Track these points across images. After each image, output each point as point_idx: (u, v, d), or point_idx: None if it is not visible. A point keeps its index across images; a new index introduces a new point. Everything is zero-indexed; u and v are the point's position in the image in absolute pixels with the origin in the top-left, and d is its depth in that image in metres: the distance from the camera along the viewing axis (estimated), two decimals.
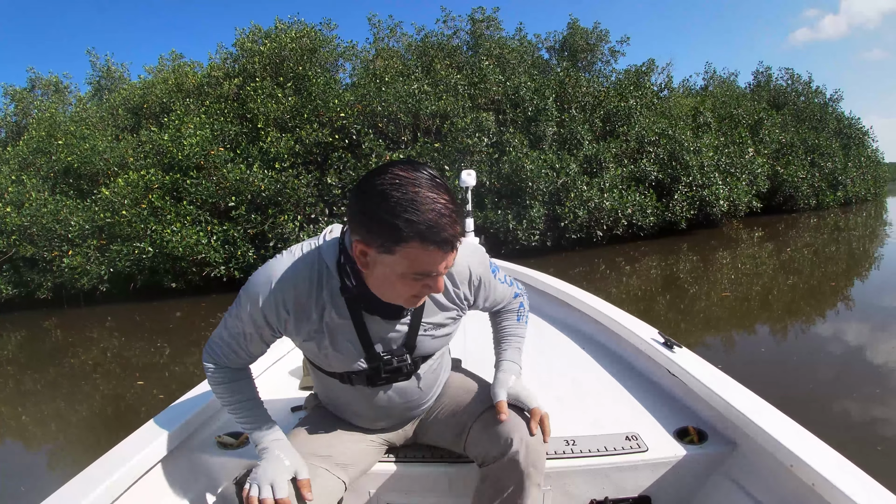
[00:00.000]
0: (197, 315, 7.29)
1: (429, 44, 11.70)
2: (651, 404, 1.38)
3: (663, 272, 7.86)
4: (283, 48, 10.28)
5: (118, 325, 7.16)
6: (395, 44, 13.06)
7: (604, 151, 9.41)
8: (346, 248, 0.87)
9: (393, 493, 1.15)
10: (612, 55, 14.72)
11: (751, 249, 9.54)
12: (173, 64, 13.69)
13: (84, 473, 1.00)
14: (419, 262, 0.76)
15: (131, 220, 8.14)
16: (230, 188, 8.10)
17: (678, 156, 10.27)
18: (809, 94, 17.87)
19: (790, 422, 1.07)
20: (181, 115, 9.85)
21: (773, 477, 1.04)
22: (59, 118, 10.63)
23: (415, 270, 0.78)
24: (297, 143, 8.29)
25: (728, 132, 12.82)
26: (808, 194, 14.42)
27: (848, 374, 3.42)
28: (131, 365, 4.95)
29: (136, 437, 1.14)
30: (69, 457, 3.20)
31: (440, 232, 0.74)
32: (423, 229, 0.73)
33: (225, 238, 8.06)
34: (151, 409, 3.61)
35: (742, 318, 5.15)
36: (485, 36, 12.28)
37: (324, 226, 7.72)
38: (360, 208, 0.77)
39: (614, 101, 10.55)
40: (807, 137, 15.26)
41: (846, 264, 7.91)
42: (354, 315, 0.91)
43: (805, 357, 3.83)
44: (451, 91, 8.84)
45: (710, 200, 10.36)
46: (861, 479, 0.88)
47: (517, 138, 8.39)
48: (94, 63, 14.06)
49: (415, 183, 0.75)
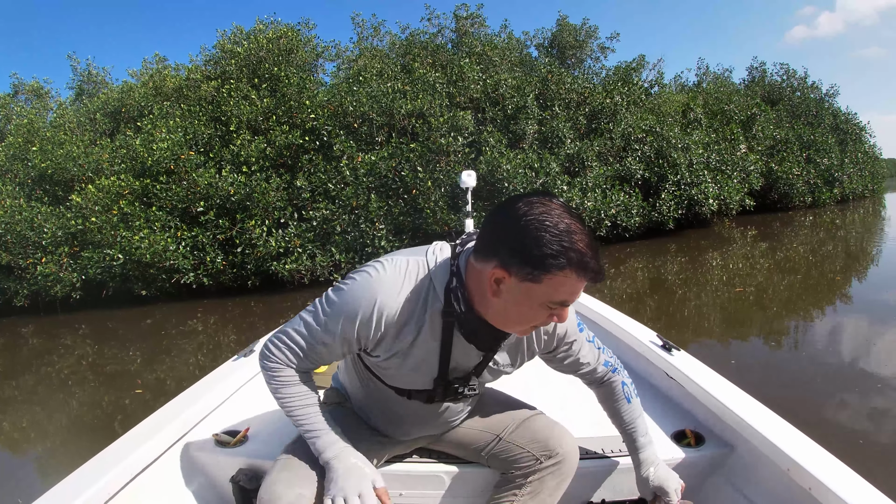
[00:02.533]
0: (168, 322, 7.15)
1: (413, 42, 11.47)
2: (649, 407, 1.35)
3: (650, 274, 7.63)
4: (260, 49, 10.12)
5: (91, 333, 7.09)
6: (379, 43, 12.85)
7: (586, 150, 9.12)
8: (459, 271, 0.86)
9: (391, 493, 1.11)
10: (601, 52, 14.45)
11: (743, 249, 9.25)
12: (157, 67, 13.61)
13: (80, 470, 1.00)
14: (563, 290, 0.78)
15: (101, 227, 8.03)
16: (200, 193, 7.91)
17: (666, 153, 9.96)
18: (805, 90, 17.53)
19: (788, 425, 1.08)
20: (154, 118, 9.72)
21: (771, 480, 1.04)
22: (38, 124, 10.50)
23: (555, 299, 0.78)
24: (269, 146, 8.06)
25: (719, 128, 12.50)
26: (804, 191, 14.06)
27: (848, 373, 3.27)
28: (105, 373, 4.89)
29: (132, 435, 1.14)
30: (45, 465, 3.10)
31: (590, 262, 0.75)
32: (577, 259, 0.74)
33: (194, 244, 7.88)
34: (125, 417, 3.55)
35: (734, 320, 4.95)
36: (469, 34, 12.03)
37: (293, 230, 7.48)
38: (506, 237, 0.77)
39: (599, 98, 10.25)
40: (802, 133, 14.91)
41: (844, 262, 7.68)
42: (445, 337, 0.91)
43: (804, 362, 3.62)
44: (429, 90, 8.59)
45: (699, 199, 10.04)
46: (857, 484, 0.88)
47: (494, 137, 8.12)
48: (74, 67, 13.87)
49: (560, 214, 0.75)
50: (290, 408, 0.94)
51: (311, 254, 7.45)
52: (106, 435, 3.19)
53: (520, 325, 0.85)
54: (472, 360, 0.96)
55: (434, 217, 7.50)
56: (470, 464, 1.12)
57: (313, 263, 7.39)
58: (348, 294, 0.86)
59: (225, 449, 1.21)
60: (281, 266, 7.28)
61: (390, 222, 7.60)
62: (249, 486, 1.12)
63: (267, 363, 0.93)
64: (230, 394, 1.50)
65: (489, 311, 0.84)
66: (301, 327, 0.91)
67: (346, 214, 7.50)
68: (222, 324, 6.87)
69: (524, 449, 1.05)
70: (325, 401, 1.14)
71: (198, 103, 9.83)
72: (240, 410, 1.43)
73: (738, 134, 12.50)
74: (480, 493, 1.14)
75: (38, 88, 14.01)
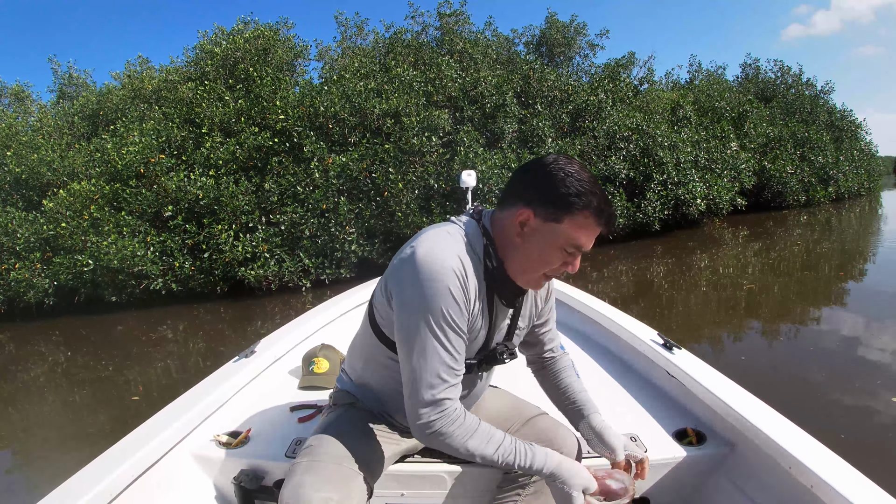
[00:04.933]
0: (139, 329, 7.05)
1: (395, 41, 11.24)
2: (650, 405, 1.38)
3: (636, 277, 7.41)
4: (237, 49, 9.93)
5: (65, 340, 7.08)
6: (363, 42, 12.65)
7: (568, 149, 8.85)
8: (487, 230, 0.92)
9: (392, 493, 1.15)
10: (590, 49, 14.20)
11: (734, 250, 9.00)
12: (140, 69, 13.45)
13: (82, 472, 1.00)
14: (581, 233, 0.86)
15: (72, 232, 7.94)
16: (170, 197, 7.72)
17: (652, 152, 9.68)
18: (800, 87, 17.21)
19: (789, 423, 1.08)
20: (128, 121, 9.57)
21: (772, 479, 1.04)
22: (17, 128, 10.39)
23: (573, 243, 0.86)
24: (239, 148, 7.85)
25: (709, 126, 12.21)
26: (798, 190, 13.75)
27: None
28: (78, 380, 4.88)
29: (135, 436, 1.14)
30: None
31: (606, 209, 0.86)
32: (596, 204, 0.84)
33: (163, 249, 7.69)
34: (99, 426, 3.54)
35: (723, 324, 4.77)
36: (453, 31, 11.80)
37: (261, 234, 7.26)
38: (533, 181, 0.87)
39: (584, 96, 9.99)
40: (796, 131, 14.60)
41: (840, 260, 7.50)
42: (490, 300, 0.93)
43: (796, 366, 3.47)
44: (406, 88, 8.35)
45: (686, 199, 9.76)
46: (859, 482, 0.89)
47: (470, 136, 7.87)
48: (55, 70, 13.69)
49: (582, 167, 0.87)
50: (496, 448, 0.88)
51: (279, 259, 7.23)
52: (82, 443, 3.20)
53: (538, 271, 0.89)
54: (504, 322, 1.00)
55: (406, 220, 7.25)
56: (471, 464, 1.10)
57: (281, 269, 7.16)
58: (428, 275, 0.82)
59: (226, 450, 1.22)
60: (248, 272, 7.07)
61: (361, 225, 7.36)
62: (251, 486, 1.13)
63: (442, 420, 0.85)
64: (231, 395, 1.49)
65: (513, 260, 0.89)
66: (431, 354, 0.84)
67: (316, 218, 7.26)
68: (192, 330, 6.76)
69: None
70: (336, 402, 1.13)
71: (174, 105, 9.66)
72: (241, 411, 1.45)
73: (728, 132, 12.21)
74: (483, 493, 1.14)
75: (18, 91, 13.83)
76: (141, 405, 3.83)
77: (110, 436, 1.27)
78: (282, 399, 1.51)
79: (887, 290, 5.57)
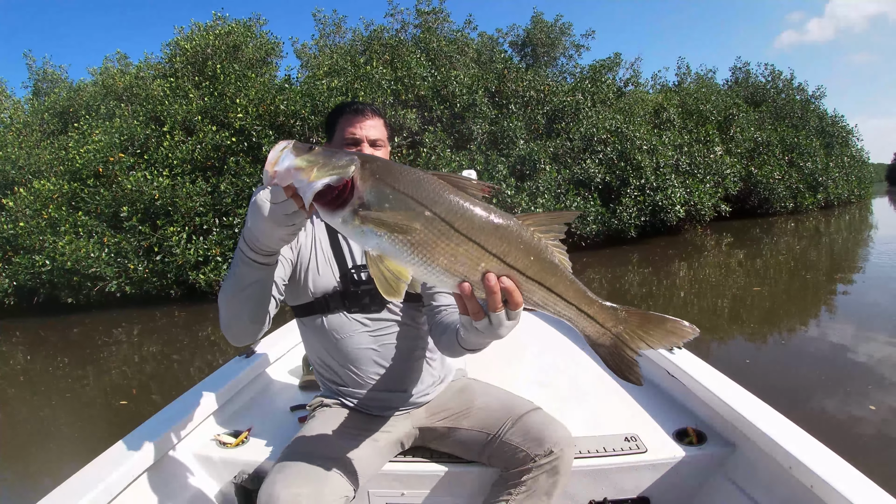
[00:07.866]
0: (95, 331, 6.88)
1: (373, 39, 11.01)
2: (650, 405, 1.37)
3: (610, 285, 7.12)
4: (207, 46, 9.71)
5: (24, 340, 7.02)
6: (341, 40, 12.42)
7: (539, 152, 8.59)
8: None
9: (393, 493, 1.16)
10: (575, 50, 13.96)
11: (716, 258, 8.71)
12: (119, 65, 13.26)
13: (83, 472, 1.02)
14: (345, 128, 1.12)
15: (31, 232, 7.80)
16: (127, 197, 7.49)
17: (630, 156, 9.41)
18: (790, 91, 16.95)
19: (789, 423, 1.09)
20: (93, 119, 9.37)
21: (772, 478, 1.05)
22: None
23: (345, 137, 1.11)
24: (198, 147, 7.61)
25: (693, 129, 11.95)
26: (785, 196, 13.48)
27: None
28: (35, 381, 4.89)
29: (135, 436, 1.15)
30: None
31: (352, 104, 1.16)
32: (343, 106, 1.17)
33: (118, 251, 7.46)
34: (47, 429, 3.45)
35: (704, 333, 4.54)
36: (432, 30, 11.56)
37: (215, 237, 7.02)
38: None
39: (561, 97, 9.73)
40: (785, 135, 14.33)
41: (826, 272, 7.22)
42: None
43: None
44: (375, 87, 8.11)
45: (664, 205, 9.49)
46: (859, 481, 0.89)
47: (434, 137, 7.63)
48: (30, 66, 13.47)
49: None
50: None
51: None
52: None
53: None
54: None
55: None
56: (471, 463, 1.14)
57: None
58: None
59: (226, 450, 1.23)
60: (199, 276, 6.83)
61: None
62: (251, 486, 1.14)
63: None
64: (231, 395, 1.50)
65: None
66: None
67: None
68: (147, 334, 6.59)
69: (519, 447, 1.06)
70: (311, 406, 1.21)
71: (143, 102, 9.43)
72: (241, 412, 1.47)
73: (713, 135, 11.95)
74: (481, 492, 1.13)
75: None
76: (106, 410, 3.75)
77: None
78: (282, 399, 1.53)
79: (877, 302, 5.33)
